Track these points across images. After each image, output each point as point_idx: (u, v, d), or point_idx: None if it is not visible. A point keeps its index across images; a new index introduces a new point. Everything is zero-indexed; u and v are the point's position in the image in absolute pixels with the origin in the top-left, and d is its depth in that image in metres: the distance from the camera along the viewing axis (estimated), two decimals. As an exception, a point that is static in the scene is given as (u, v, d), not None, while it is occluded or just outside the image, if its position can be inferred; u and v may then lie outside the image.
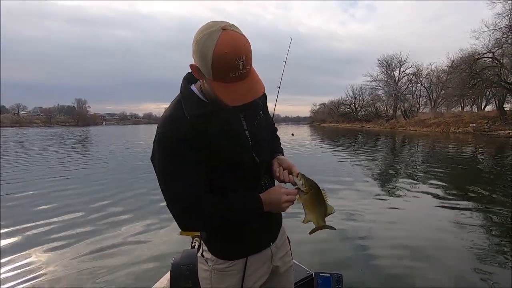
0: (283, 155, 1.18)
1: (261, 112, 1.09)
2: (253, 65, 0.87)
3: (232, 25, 0.82)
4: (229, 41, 0.78)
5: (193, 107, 0.94)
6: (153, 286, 1.83)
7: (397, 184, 6.79)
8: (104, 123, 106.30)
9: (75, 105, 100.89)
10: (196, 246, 1.89)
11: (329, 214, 1.06)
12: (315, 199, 1.04)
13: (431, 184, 6.64)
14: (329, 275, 1.74)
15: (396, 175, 8.18)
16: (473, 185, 6.44)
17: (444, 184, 6.67)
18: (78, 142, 22.53)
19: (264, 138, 1.08)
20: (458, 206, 4.93)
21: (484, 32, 26.75)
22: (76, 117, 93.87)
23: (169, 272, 1.71)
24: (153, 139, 0.95)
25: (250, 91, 0.86)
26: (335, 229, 1.06)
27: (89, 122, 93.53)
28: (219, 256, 1.05)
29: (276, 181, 1.13)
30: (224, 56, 0.78)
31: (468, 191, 6.00)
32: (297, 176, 1.04)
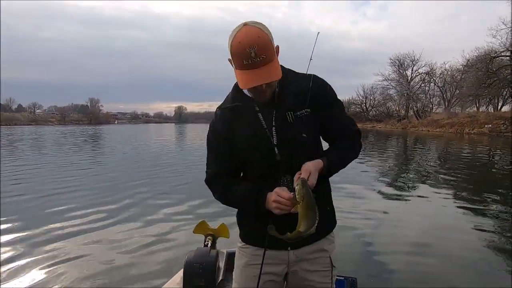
0: (330, 160, 1.07)
1: (305, 110, 1.06)
2: None
3: (256, 22, 0.95)
4: (244, 33, 0.91)
5: (227, 101, 1.13)
6: (166, 284, 1.85)
7: (409, 186, 6.63)
8: (116, 122, 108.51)
9: (89, 104, 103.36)
10: (209, 245, 1.93)
11: (305, 233, 0.95)
12: (304, 211, 0.95)
13: (445, 186, 6.45)
14: (343, 278, 1.69)
15: (407, 176, 7.99)
16: (488, 188, 6.20)
17: (458, 186, 6.46)
18: (96, 139, 23.01)
19: (296, 137, 1.04)
20: (475, 209, 4.74)
21: (501, 29, 25.96)
22: (90, 115, 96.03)
23: (182, 269, 1.74)
24: None
25: (261, 77, 0.94)
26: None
27: (101, 121, 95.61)
28: (240, 236, 1.21)
29: None
30: (238, 45, 0.91)
31: (484, 194, 5.78)
32: (297, 182, 0.97)
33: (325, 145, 1.18)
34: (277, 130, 1.06)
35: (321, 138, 1.17)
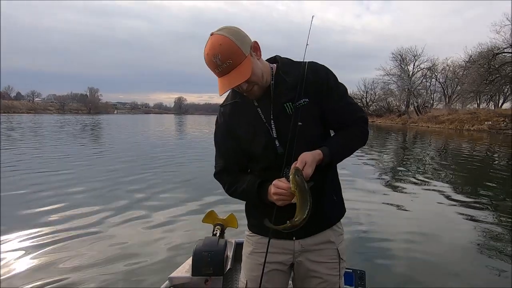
0: (331, 150, 1.05)
1: (303, 100, 1.05)
2: (265, 57, 1.05)
3: (222, 29, 0.97)
4: (208, 44, 0.96)
5: (228, 98, 1.17)
6: (175, 271, 1.87)
7: (408, 181, 6.66)
8: (115, 112, 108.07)
9: (88, 93, 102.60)
10: (218, 234, 1.95)
11: (298, 222, 0.95)
12: (298, 200, 0.95)
13: (443, 182, 6.49)
14: (351, 271, 1.69)
15: (406, 172, 8.02)
16: (485, 184, 6.26)
17: (456, 183, 6.50)
18: (101, 128, 22.96)
19: (295, 128, 1.03)
20: (470, 206, 4.80)
21: (505, 25, 25.75)
22: (89, 105, 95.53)
23: (191, 258, 1.76)
24: None
25: (230, 81, 0.97)
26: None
27: (100, 110, 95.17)
28: (248, 225, 1.25)
29: None
30: (206, 57, 0.97)
31: (480, 189, 5.84)
32: (291, 172, 0.96)
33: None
34: (276, 123, 1.07)
35: (326, 127, 1.15)
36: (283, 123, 1.06)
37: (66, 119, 38.99)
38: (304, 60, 1.10)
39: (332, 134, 1.17)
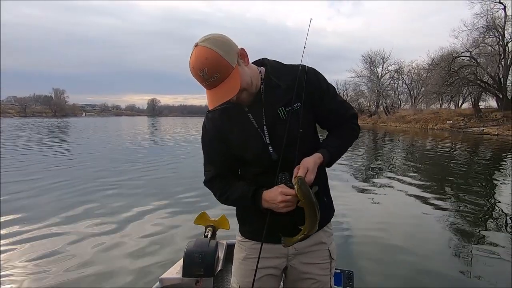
0: (330, 152, 1.08)
1: (296, 105, 1.04)
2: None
3: (207, 39, 0.92)
4: (193, 58, 0.92)
5: None
6: (166, 272, 1.86)
7: (379, 179, 7.01)
8: (84, 114, 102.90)
9: (53, 95, 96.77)
10: (209, 236, 1.96)
11: (305, 235, 0.99)
12: (307, 211, 0.96)
13: (413, 178, 6.89)
14: (340, 271, 1.71)
15: (376, 170, 8.43)
16: (448, 179, 6.75)
17: (423, 177, 6.96)
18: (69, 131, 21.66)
19: (289, 133, 1.02)
20: (435, 201, 5.18)
21: (463, 31, 27.77)
22: (54, 107, 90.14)
23: (182, 259, 1.77)
24: None
25: (219, 97, 0.95)
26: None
27: (67, 113, 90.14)
28: (240, 231, 1.23)
29: None
30: (192, 70, 0.93)
31: (444, 184, 6.30)
32: (295, 181, 0.96)
33: (321, 133, 1.18)
34: (269, 129, 1.05)
35: (317, 129, 1.16)
36: (277, 128, 1.04)
37: (28, 123, 36.57)
38: (300, 63, 1.09)
39: (324, 134, 1.18)
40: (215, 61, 0.90)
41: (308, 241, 1.11)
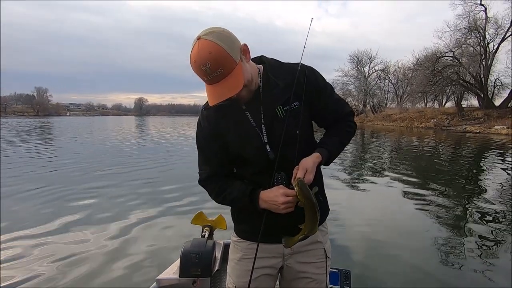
0: (330, 150, 1.08)
1: (294, 104, 1.04)
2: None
3: (210, 33, 0.89)
4: (196, 51, 0.88)
5: None
6: (163, 273, 1.84)
7: (366, 174, 7.14)
8: (68, 114, 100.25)
9: (35, 94, 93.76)
10: (206, 235, 1.95)
11: (305, 235, 1.00)
12: (307, 212, 0.96)
13: (399, 175, 7.05)
14: (337, 270, 1.70)
15: (365, 166, 8.60)
16: (433, 175, 6.97)
17: (409, 173, 7.15)
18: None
19: (288, 132, 1.01)
20: (422, 196, 5.34)
21: (446, 32, 28.62)
22: (36, 106, 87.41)
23: (179, 259, 1.76)
24: None
25: (222, 93, 0.93)
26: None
27: (51, 112, 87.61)
28: (235, 231, 1.23)
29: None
30: (194, 64, 0.90)
31: (429, 180, 6.50)
32: (295, 182, 0.96)
33: (317, 131, 1.19)
34: (267, 127, 1.03)
35: (313, 128, 1.16)
36: (275, 128, 1.03)
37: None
38: (300, 62, 1.08)
39: (319, 132, 1.19)
40: (219, 56, 0.87)
41: (304, 240, 1.10)
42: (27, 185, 5.94)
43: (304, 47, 1.11)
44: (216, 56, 0.87)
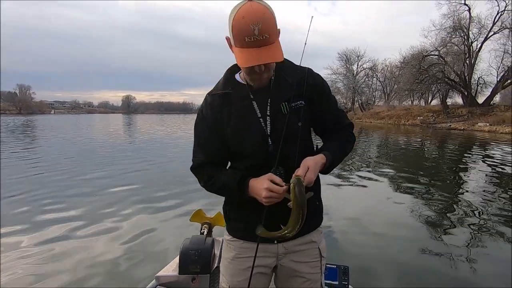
0: (333, 155, 1.06)
1: (299, 102, 1.04)
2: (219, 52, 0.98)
3: (261, 1, 0.89)
4: (248, 8, 0.86)
5: (218, 87, 1.09)
6: (162, 270, 1.84)
7: (355, 170, 7.27)
8: (52, 112, 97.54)
9: (17, 91, 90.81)
10: (205, 233, 1.95)
11: (282, 235, 0.97)
12: (294, 211, 0.93)
13: (387, 171, 7.22)
14: (335, 266, 1.70)
15: (357, 163, 8.74)
16: (420, 171, 7.17)
17: (397, 169, 7.32)
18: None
19: (289, 128, 1.01)
20: (416, 190, 5.48)
21: (432, 31, 29.28)
22: (19, 104, 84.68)
23: (178, 256, 1.76)
24: None
25: (264, 56, 0.90)
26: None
27: (34, 110, 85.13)
28: (228, 229, 1.20)
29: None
30: (241, 21, 0.86)
31: (417, 176, 6.68)
32: (292, 179, 0.93)
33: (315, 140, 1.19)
34: (271, 120, 1.03)
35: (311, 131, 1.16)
36: (278, 122, 1.03)
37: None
38: (301, 60, 1.09)
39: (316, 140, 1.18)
40: (270, 21, 0.87)
41: (299, 240, 1.11)
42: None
43: (305, 43, 1.15)
44: (268, 20, 0.87)
